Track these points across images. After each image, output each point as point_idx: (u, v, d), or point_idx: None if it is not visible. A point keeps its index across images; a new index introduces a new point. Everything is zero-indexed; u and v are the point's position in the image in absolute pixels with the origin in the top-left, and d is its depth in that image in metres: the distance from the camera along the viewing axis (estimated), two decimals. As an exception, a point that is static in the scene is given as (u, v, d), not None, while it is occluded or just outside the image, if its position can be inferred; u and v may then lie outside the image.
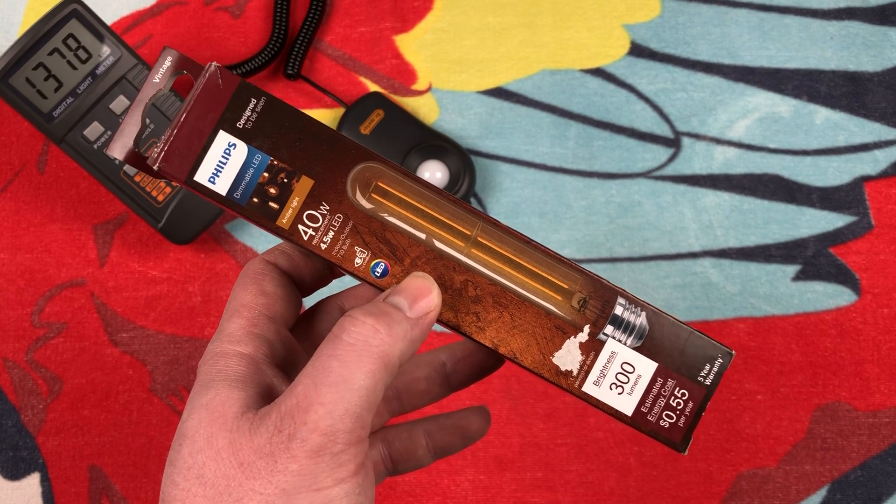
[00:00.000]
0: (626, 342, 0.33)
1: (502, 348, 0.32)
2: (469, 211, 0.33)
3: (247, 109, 0.32)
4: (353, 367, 0.29)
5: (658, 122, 0.61)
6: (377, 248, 0.32)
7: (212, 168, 0.32)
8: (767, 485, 0.57)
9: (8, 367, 0.58)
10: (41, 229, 0.60)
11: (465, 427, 0.39)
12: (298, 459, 0.28)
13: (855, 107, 0.61)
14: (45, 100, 0.54)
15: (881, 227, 0.60)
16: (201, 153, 0.32)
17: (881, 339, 0.58)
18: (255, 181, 0.32)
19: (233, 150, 0.32)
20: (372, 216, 0.32)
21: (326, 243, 0.32)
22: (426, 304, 0.31)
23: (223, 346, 0.32)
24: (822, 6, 0.63)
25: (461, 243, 0.33)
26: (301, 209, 0.32)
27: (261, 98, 0.32)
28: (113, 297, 0.59)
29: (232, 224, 0.60)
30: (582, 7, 0.63)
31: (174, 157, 0.32)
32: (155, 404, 0.58)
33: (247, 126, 0.32)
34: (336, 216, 0.32)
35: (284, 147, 0.32)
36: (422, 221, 0.33)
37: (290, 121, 0.32)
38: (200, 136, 0.32)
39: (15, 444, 0.57)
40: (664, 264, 0.59)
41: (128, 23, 0.63)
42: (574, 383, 0.32)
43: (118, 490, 0.57)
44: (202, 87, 0.32)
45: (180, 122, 0.32)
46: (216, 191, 0.32)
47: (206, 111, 0.32)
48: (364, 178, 0.32)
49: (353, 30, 0.63)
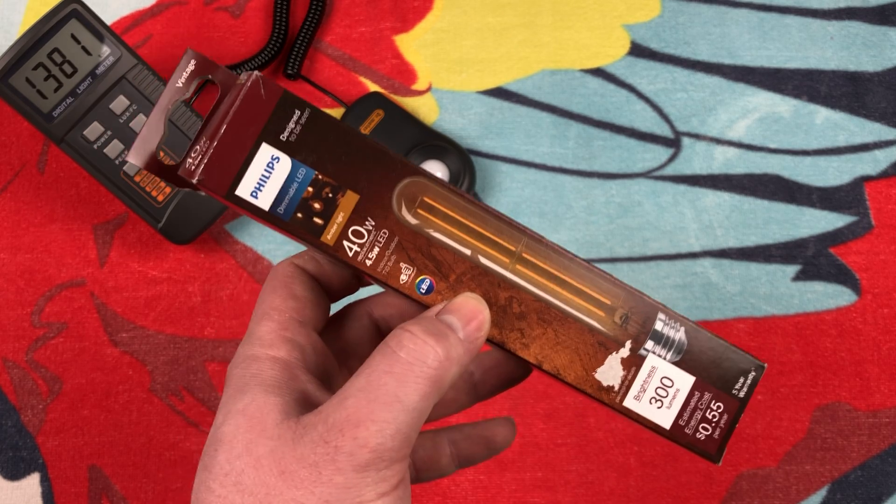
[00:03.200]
0: (666, 357, 0.33)
1: (546, 365, 0.32)
2: (513, 226, 0.32)
3: (290, 122, 0.31)
4: (409, 388, 0.29)
5: (658, 122, 0.61)
6: (423, 264, 0.32)
7: (254, 182, 0.31)
8: (767, 485, 0.57)
9: (8, 367, 0.58)
10: (41, 229, 0.60)
11: (491, 438, 0.39)
12: (345, 473, 0.28)
13: (855, 107, 0.61)
14: (44, 100, 0.54)
15: (881, 227, 0.60)
16: (243, 167, 0.30)
17: (881, 339, 0.58)
18: (299, 196, 0.31)
19: (276, 164, 0.31)
20: (417, 232, 0.32)
21: (372, 260, 0.31)
22: (477, 325, 0.31)
23: (255, 350, 0.31)
24: (822, 6, 0.63)
25: (506, 259, 0.32)
26: (346, 225, 0.31)
27: (305, 110, 0.31)
28: (113, 297, 0.59)
29: (232, 224, 0.60)
30: (582, 7, 0.63)
31: (214, 170, 0.30)
32: (155, 404, 0.58)
33: (290, 139, 0.31)
34: (381, 232, 0.31)
35: (329, 161, 0.31)
36: (467, 237, 0.32)
37: (334, 134, 0.31)
38: (242, 148, 0.30)
39: (15, 444, 0.57)
40: (664, 264, 0.59)
41: (127, 23, 0.63)
42: (616, 398, 0.33)
43: (118, 490, 0.57)
44: (243, 97, 0.30)
45: (220, 133, 0.30)
46: (259, 206, 0.31)
47: (247, 122, 0.30)
48: (410, 194, 0.32)
49: (353, 30, 0.63)
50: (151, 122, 0.31)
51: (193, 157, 0.31)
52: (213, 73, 0.32)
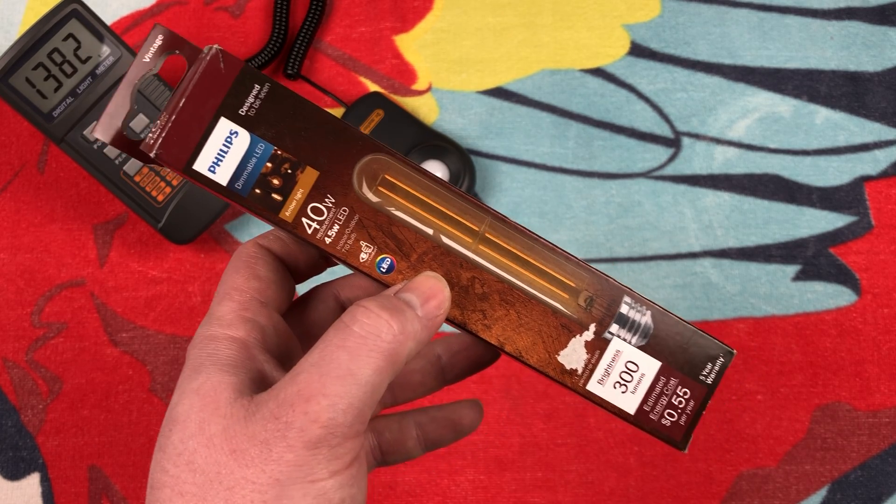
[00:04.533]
0: (632, 341, 0.32)
1: (508, 346, 0.32)
2: (477, 206, 0.32)
3: (250, 96, 0.30)
4: (361, 362, 0.28)
5: (658, 122, 0.61)
6: (383, 242, 0.31)
7: (212, 157, 0.30)
8: (767, 485, 0.57)
9: (8, 367, 0.58)
10: (41, 229, 0.60)
11: (458, 420, 0.39)
12: (295, 449, 0.28)
13: (855, 107, 0.61)
14: (44, 100, 0.54)
15: (881, 227, 0.60)
16: (201, 141, 0.30)
17: (881, 339, 0.58)
18: (257, 171, 0.31)
19: (234, 139, 0.30)
20: (378, 210, 0.31)
21: (331, 237, 0.31)
22: (437, 304, 0.31)
23: (213, 330, 0.31)
24: (822, 6, 0.63)
25: (469, 239, 0.32)
26: (305, 201, 0.31)
27: (264, 84, 0.31)
28: (113, 297, 0.59)
29: (232, 224, 0.60)
30: (582, 7, 0.63)
31: (172, 144, 0.30)
32: (155, 404, 0.58)
33: (249, 113, 0.30)
34: (342, 209, 0.31)
35: (289, 136, 0.31)
36: (429, 216, 0.32)
37: (294, 109, 0.31)
38: (200, 122, 0.30)
39: (15, 444, 0.57)
40: (664, 264, 0.59)
41: (127, 23, 0.63)
42: (579, 382, 0.32)
43: (118, 490, 0.57)
44: (202, 71, 0.30)
45: (179, 107, 0.30)
46: (216, 181, 0.30)
47: (206, 96, 0.30)
48: (371, 171, 0.31)
49: (353, 30, 0.63)
50: (118, 97, 0.31)
51: (154, 131, 0.30)
52: (181, 49, 0.31)
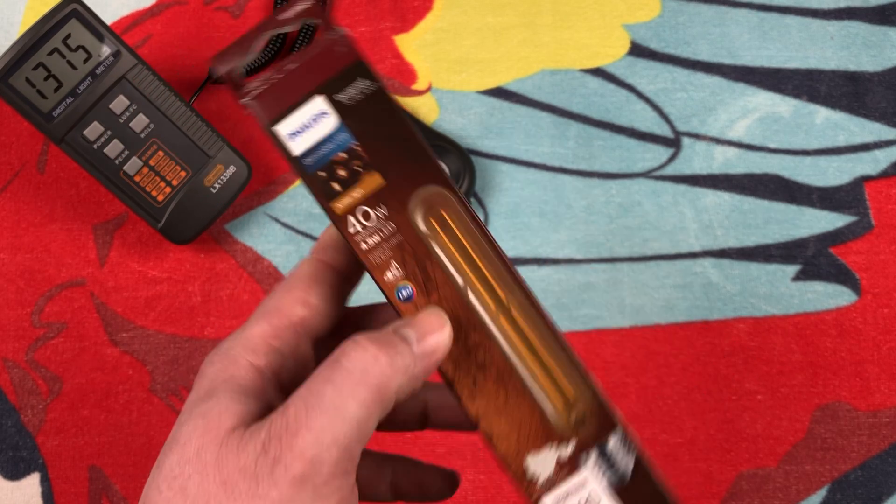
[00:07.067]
0: (603, 478, 0.30)
1: (483, 423, 0.31)
2: (514, 278, 0.31)
3: (354, 87, 0.31)
4: (346, 395, 0.28)
5: (658, 122, 0.61)
6: (412, 271, 0.31)
7: (296, 126, 0.31)
8: (767, 485, 0.57)
9: (8, 367, 0.58)
10: (41, 229, 0.60)
11: (427, 486, 0.38)
12: (279, 487, 0.27)
13: (855, 107, 0.61)
14: (44, 100, 0.54)
15: (881, 227, 0.60)
16: (292, 107, 0.31)
17: (881, 339, 0.58)
18: (329, 156, 0.31)
19: (322, 119, 0.31)
20: (421, 240, 0.31)
21: (368, 246, 0.31)
22: (434, 341, 0.30)
23: (237, 352, 0.31)
24: (822, 6, 0.63)
25: (493, 307, 0.31)
26: (360, 202, 0.31)
27: (374, 83, 0.31)
28: (113, 296, 0.59)
29: (232, 224, 0.60)
30: (582, 7, 0.63)
31: (266, 99, 0.31)
32: (155, 404, 0.58)
33: (347, 102, 0.31)
34: (389, 224, 0.31)
35: (372, 138, 0.31)
36: (466, 267, 0.31)
37: (390, 117, 0.31)
38: (299, 91, 0.31)
39: (15, 444, 0.57)
40: (664, 264, 0.59)
41: (127, 23, 0.63)
42: (534, 492, 0.31)
43: (118, 490, 0.57)
44: (323, 48, 0.31)
45: (287, 70, 0.31)
46: (290, 148, 0.31)
47: (316, 71, 0.31)
48: (431, 201, 0.31)
49: (352, 29, 0.63)
50: (247, 38, 0.32)
51: (257, 82, 0.31)
52: (322, 20, 0.32)
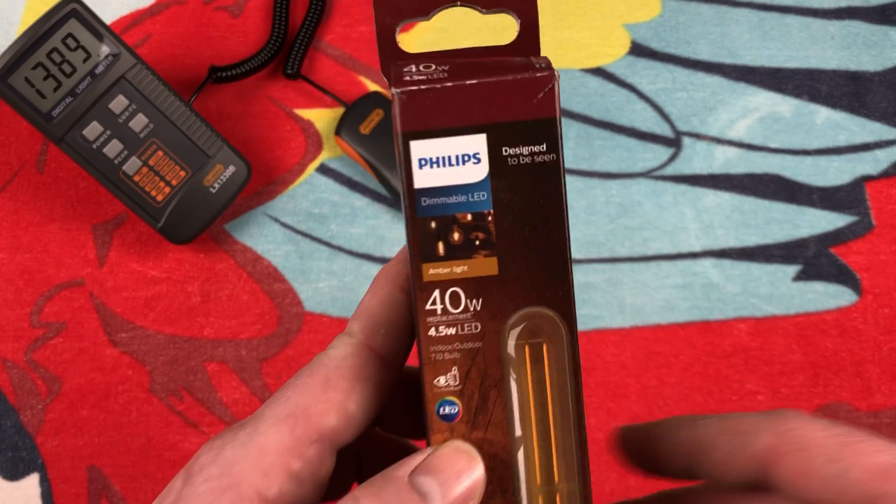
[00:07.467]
0: None
1: None
2: (581, 464, 0.26)
3: (529, 147, 0.24)
4: None
5: (658, 122, 0.61)
6: (470, 393, 0.24)
7: (435, 153, 0.24)
8: (768, 485, 0.57)
9: (7, 367, 0.58)
10: (40, 229, 0.60)
11: None
12: None
13: (856, 106, 0.61)
14: (44, 99, 0.54)
15: (882, 226, 0.60)
16: (445, 130, 0.24)
17: (882, 339, 0.58)
18: (452, 210, 0.24)
19: (469, 164, 0.24)
20: (501, 364, 0.24)
21: (436, 335, 0.24)
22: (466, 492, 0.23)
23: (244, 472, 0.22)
24: (822, 5, 0.63)
25: (539, 480, 0.25)
26: (455, 282, 0.24)
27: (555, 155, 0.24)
28: (112, 297, 0.59)
29: (231, 224, 0.60)
30: (582, 6, 0.63)
31: (420, 103, 0.24)
32: (154, 405, 0.58)
33: (509, 160, 0.24)
34: (474, 324, 0.24)
35: (513, 216, 0.24)
36: (535, 422, 0.25)
37: (547, 202, 0.24)
38: (464, 115, 0.24)
39: (14, 444, 0.57)
40: (665, 264, 0.59)
41: (127, 22, 0.62)
42: None
43: (117, 490, 0.57)
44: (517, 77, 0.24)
45: (463, 84, 0.24)
46: (413, 176, 0.24)
47: (496, 100, 0.24)
48: (537, 326, 0.24)
49: (352, 29, 0.63)
50: None
51: (420, 70, 0.24)
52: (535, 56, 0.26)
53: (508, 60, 0.25)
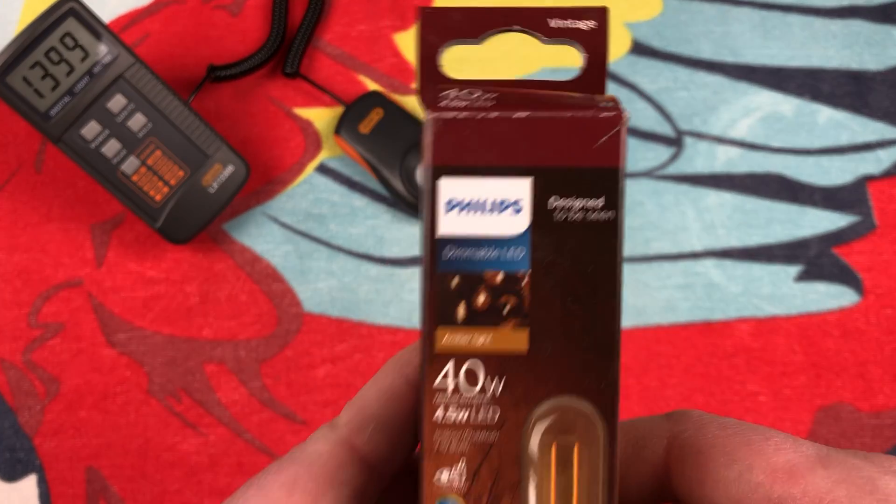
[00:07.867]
0: None
1: None
2: None
3: (583, 200, 0.20)
4: None
5: (660, 121, 0.61)
6: (478, 495, 0.20)
7: (468, 195, 0.20)
8: (770, 487, 0.56)
9: (5, 367, 0.58)
10: (38, 229, 0.59)
11: None
12: None
13: (858, 106, 0.61)
14: (42, 99, 0.53)
15: (884, 226, 0.59)
16: (479, 170, 0.20)
17: (884, 339, 0.58)
18: (481, 268, 0.20)
19: (510, 214, 0.20)
20: (521, 463, 0.20)
21: (443, 418, 0.20)
22: None
23: None
24: (824, 4, 0.62)
25: None
26: (476, 354, 0.20)
27: (614, 213, 0.20)
28: (110, 297, 0.59)
29: (230, 224, 0.60)
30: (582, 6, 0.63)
31: (457, 133, 0.20)
32: (153, 405, 0.58)
33: (556, 215, 0.20)
34: (492, 408, 0.20)
35: (554, 281, 0.20)
36: None
37: (598, 268, 0.20)
38: (508, 153, 0.20)
39: (12, 445, 0.57)
40: (666, 264, 0.59)
41: (125, 21, 0.62)
42: None
43: (115, 492, 0.56)
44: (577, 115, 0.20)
45: (510, 117, 0.20)
46: (436, 217, 0.20)
47: (548, 139, 0.20)
48: (569, 421, 0.20)
49: (352, 28, 0.62)
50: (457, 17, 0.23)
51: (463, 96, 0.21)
52: None
53: (568, 96, 0.21)
